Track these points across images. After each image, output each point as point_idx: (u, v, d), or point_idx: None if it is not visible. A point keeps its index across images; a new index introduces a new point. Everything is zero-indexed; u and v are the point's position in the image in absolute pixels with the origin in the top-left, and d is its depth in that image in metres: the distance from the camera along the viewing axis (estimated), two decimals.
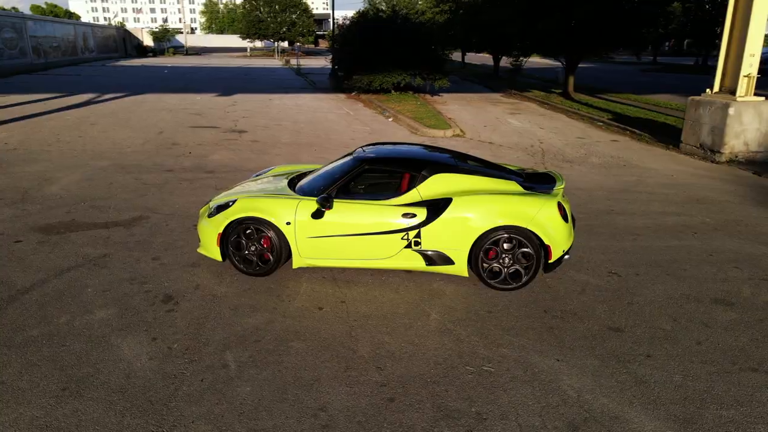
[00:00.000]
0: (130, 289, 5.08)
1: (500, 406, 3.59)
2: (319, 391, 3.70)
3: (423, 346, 4.27)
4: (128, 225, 6.74)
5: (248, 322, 4.56)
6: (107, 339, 4.25)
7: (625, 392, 3.76)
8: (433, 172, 5.33)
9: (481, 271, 5.18)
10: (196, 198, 7.87)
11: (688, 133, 12.24)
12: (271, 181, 6.13)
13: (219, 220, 5.32)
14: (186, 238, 6.35)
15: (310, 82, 27.68)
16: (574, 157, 11.48)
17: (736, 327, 4.68)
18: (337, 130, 13.99)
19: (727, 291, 5.37)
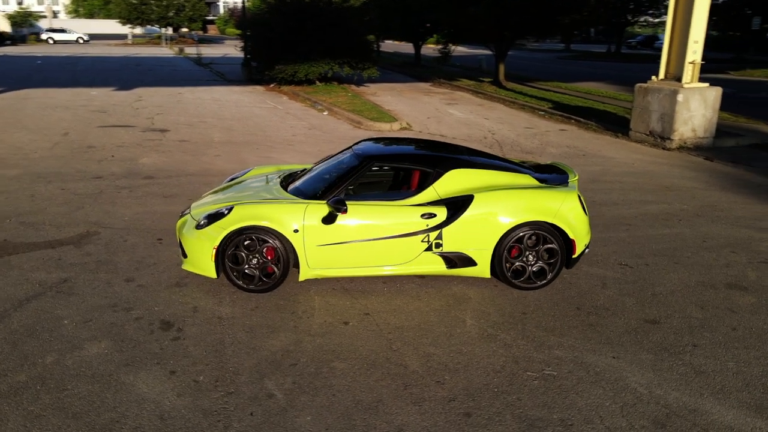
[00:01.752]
0: (116, 318, 4.72)
1: (580, 410, 3.71)
2: (387, 413, 3.64)
3: (473, 354, 4.32)
4: (78, 243, 6.24)
5: (273, 344, 4.39)
6: (115, 377, 3.93)
7: (691, 384, 4.01)
8: (447, 168, 5.38)
9: (505, 271, 5.30)
10: (146, 208, 7.43)
11: (636, 121, 13.15)
12: (260, 184, 5.93)
13: (213, 232, 5.06)
14: (155, 254, 5.98)
15: (218, 73, 26.83)
16: (531, 148, 11.99)
17: (759, 310, 5.11)
18: (272, 127, 13.69)
19: (735, 276, 5.85)
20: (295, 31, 18.95)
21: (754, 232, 7.21)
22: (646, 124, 12.84)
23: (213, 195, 5.92)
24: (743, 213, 7.97)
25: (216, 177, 8.99)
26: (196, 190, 8.24)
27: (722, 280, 5.74)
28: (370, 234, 5.14)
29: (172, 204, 7.65)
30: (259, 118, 14.94)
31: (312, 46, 18.90)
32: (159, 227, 6.78)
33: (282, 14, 19.56)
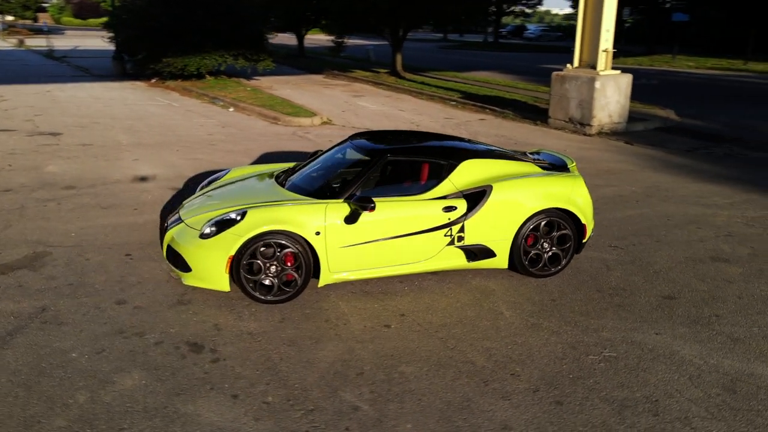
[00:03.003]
0: (132, 345, 4.39)
1: (655, 386, 4.04)
2: (481, 410, 3.75)
3: (529, 344, 4.53)
4: (31, 266, 5.67)
5: (326, 355, 4.32)
6: (172, 408, 3.69)
7: (734, 351, 4.50)
8: (460, 159, 5.55)
9: (522, 260, 5.57)
10: (89, 222, 6.90)
11: (555, 108, 14.11)
12: (255, 185, 5.75)
13: (227, 240, 4.85)
14: (133, 272, 5.60)
15: (79, 68, 24.94)
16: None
17: (750, 279, 5.80)
18: (180, 126, 13.08)
19: (712, 250, 6.56)
20: (183, 20, 18.13)
21: (703, 208, 8.09)
22: (565, 111, 13.82)
23: (200, 200, 5.65)
24: (684, 192, 8.89)
25: (151, 183, 8.49)
26: (138, 199, 7.76)
27: (704, 254, 6.41)
28: (394, 231, 5.18)
29: (117, 215, 7.14)
30: (159, 116, 14.19)
31: (204, 37, 18.20)
32: (117, 242, 6.32)
33: (165, 2, 18.62)
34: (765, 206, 8.18)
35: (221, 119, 14.08)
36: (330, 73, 24.91)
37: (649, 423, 3.66)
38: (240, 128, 13.03)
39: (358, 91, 19.84)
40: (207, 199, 5.64)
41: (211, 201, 5.51)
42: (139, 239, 6.40)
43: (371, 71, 25.15)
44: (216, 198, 5.60)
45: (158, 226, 6.82)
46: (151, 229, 6.75)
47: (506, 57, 36.80)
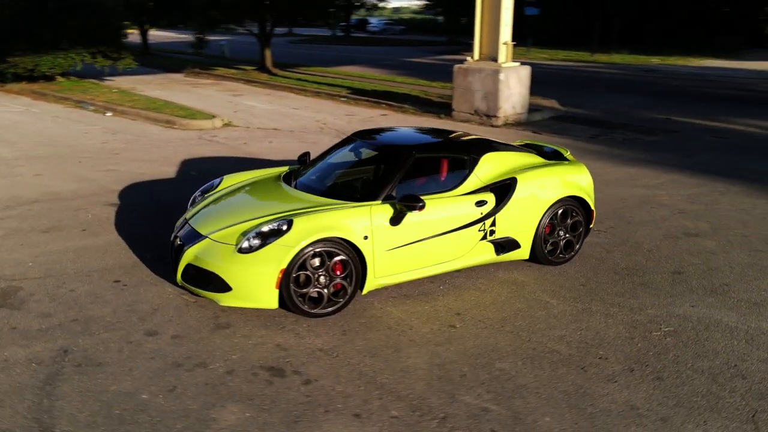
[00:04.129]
0: (205, 377, 4.13)
1: (726, 352, 4.55)
2: (601, 395, 4.01)
3: (594, 328, 4.89)
4: (7, 305, 5.06)
5: (415, 362, 4.36)
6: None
7: (763, 313, 5.19)
8: (480, 152, 5.80)
9: (543, 249, 5.94)
10: (39, 249, 6.27)
11: (459, 101, 14.81)
12: (267, 190, 5.60)
13: (275, 252, 4.69)
14: (138, 299, 5.21)
15: None
16: None
17: (728, 249, 6.64)
18: (62, 135, 12.02)
19: (679, 226, 7.39)
20: (31, 12, 16.49)
21: (644, 190, 9.03)
22: (470, 104, 14.55)
23: (210, 213, 5.36)
24: (617, 176, 9.85)
25: (79, 200, 7.81)
26: (77, 219, 7.13)
27: (676, 231, 7.21)
28: (434, 230, 5.30)
29: (66, 239, 6.53)
30: (26, 124, 12.90)
31: (58, 33, 16.70)
32: (92, 268, 5.80)
33: None
34: (691, 184, 9.30)
35: (105, 125, 13.11)
36: (191, 72, 23.94)
37: (745, 385, 4.14)
38: (135, 134, 12.24)
39: (235, 90, 19.33)
40: (220, 211, 5.36)
41: (229, 213, 5.26)
42: (115, 263, 5.91)
43: (236, 68, 24.54)
44: (232, 209, 5.35)
45: (127, 246, 6.34)
46: (120, 250, 6.24)
47: (365, 51, 37.59)
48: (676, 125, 14.41)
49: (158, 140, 11.72)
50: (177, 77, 22.73)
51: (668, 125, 14.45)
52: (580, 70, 27.62)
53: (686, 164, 10.58)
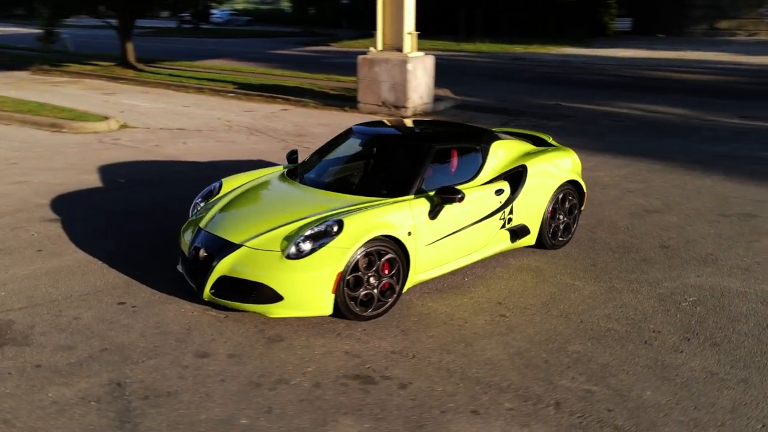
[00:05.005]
0: (294, 394, 3.98)
1: (754, 316, 5.03)
2: (678, 365, 4.36)
3: (631, 306, 5.26)
4: (11, 341, 4.55)
5: (495, 353, 4.47)
6: None
7: (759, 276, 5.85)
8: (489, 141, 6.01)
9: (548, 233, 6.27)
10: (3, 274, 5.62)
11: (365, 92, 14.94)
12: (282, 190, 5.51)
13: (330, 255, 4.60)
14: (160, 320, 4.88)
15: None
16: (292, 130, 12.56)
17: (692, 221, 7.37)
18: None
19: (636, 204, 8.07)
20: None
21: (585, 172, 9.73)
22: (377, 95, 14.74)
23: (230, 219, 5.11)
24: None
25: (8, 218, 7.06)
26: (20, 239, 6.47)
27: (636, 209, 7.87)
28: (464, 221, 5.44)
29: (26, 262, 5.92)
30: None
31: None
32: (79, 292, 5.32)
33: None
34: (619, 165, 10.13)
35: None
36: (39, 69, 22.00)
37: None
38: (21, 141, 11.16)
39: (104, 89, 18.11)
40: (242, 216, 5.15)
41: (254, 217, 5.06)
42: (104, 283, 5.47)
43: (91, 64, 22.95)
44: (255, 213, 5.17)
45: (104, 264, 5.87)
46: (100, 269, 5.77)
47: (223, 44, 36.53)
48: (569, 110, 15.49)
49: (54, 146, 10.77)
50: (22, 75, 20.83)
51: (562, 110, 15.50)
52: (452, 59, 28.74)
53: (603, 147, 11.47)
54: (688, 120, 14.39)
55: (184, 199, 7.54)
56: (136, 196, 8.06)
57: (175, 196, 7.80)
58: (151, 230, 6.82)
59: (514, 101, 16.85)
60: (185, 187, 7.97)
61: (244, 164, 9.66)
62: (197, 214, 5.44)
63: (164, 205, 7.66)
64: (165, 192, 8.20)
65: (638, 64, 25.70)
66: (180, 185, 8.41)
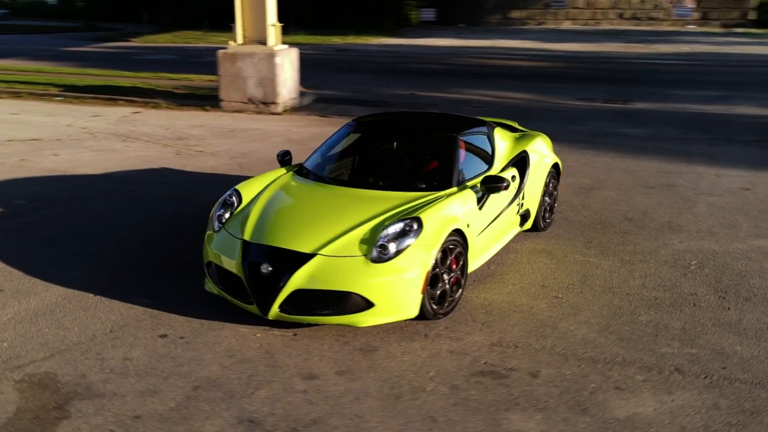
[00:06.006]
0: (436, 402, 3.96)
1: (759, 272, 5.75)
2: (740, 321, 4.94)
3: (653, 275, 5.83)
4: (75, 395, 4.02)
5: (585, 331, 4.78)
6: (611, 416, 3.82)
7: (740, 235, 6.71)
8: (491, 129, 6.30)
9: (541, 216, 6.70)
10: None
11: (228, 90, 14.45)
12: (313, 192, 5.43)
13: (417, 254, 4.60)
14: (230, 347, 4.54)
15: None
16: (179, 135, 11.87)
17: (628, 195, 8.25)
18: None
19: (574, 183, 8.80)
20: None
21: None
22: (243, 92, 14.34)
23: (274, 227, 4.87)
24: None
25: None
26: None
27: (575, 188, 8.60)
28: (497, 210, 5.68)
29: (14, 299, 5.14)
30: None
31: None
32: (99, 330, 4.75)
33: None
34: None
35: None
36: None
37: None
38: None
39: None
40: (293, 223, 4.90)
41: (309, 223, 4.85)
42: (122, 318, 4.93)
43: None
44: (307, 218, 4.96)
45: (98, 296, 5.28)
46: (94, 302, 5.18)
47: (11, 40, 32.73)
48: (429, 100, 16.19)
49: None
50: None
51: (423, 100, 16.17)
52: None
53: None
54: (538, 103, 15.80)
55: (114, 217, 7.09)
56: (60, 216, 7.22)
57: (102, 215, 7.30)
58: (111, 250, 6.21)
59: (369, 92, 17.23)
60: (101, 203, 7.67)
61: (150, 174, 9.08)
62: (226, 227, 5.07)
63: (102, 222, 6.99)
64: (90, 209, 7.46)
65: (461, 52, 27.44)
66: (96, 200, 7.75)
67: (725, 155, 10.55)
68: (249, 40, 14.39)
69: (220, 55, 14.27)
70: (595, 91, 17.59)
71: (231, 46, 14.32)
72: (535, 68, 22.77)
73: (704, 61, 24.43)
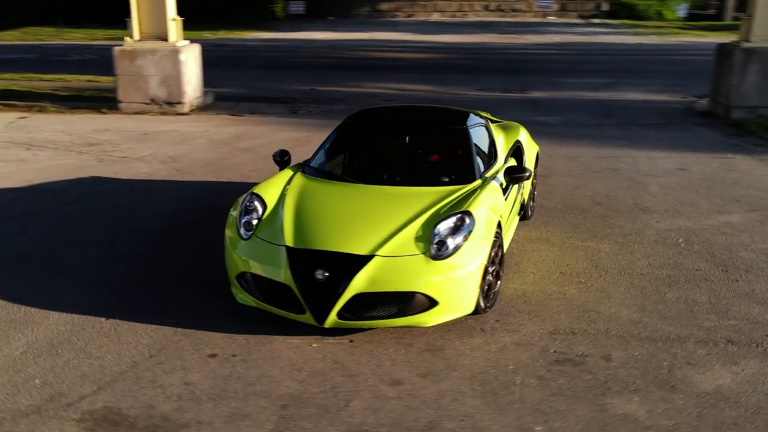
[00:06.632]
0: (528, 395, 4.11)
1: (749, 243, 6.27)
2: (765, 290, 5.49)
3: (654, 255, 6.20)
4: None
5: (628, 313, 5.07)
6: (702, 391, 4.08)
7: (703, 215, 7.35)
8: (487, 122, 6.45)
9: (529, 205, 6.97)
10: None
11: (127, 90, 13.67)
12: (340, 191, 5.34)
13: (474, 249, 4.66)
14: (307, 359, 4.39)
15: None
16: (89, 141, 11.15)
17: (585, 181, 8.75)
18: None
19: (548, 167, 9.06)
20: None
21: None
22: (144, 92, 13.64)
23: (315, 230, 4.76)
24: None
25: None
26: None
27: (551, 171, 9.00)
28: (512, 200, 5.85)
29: (4, 337, 4.68)
30: None
31: None
32: (137, 357, 4.45)
33: None
34: None
35: None
36: None
37: None
38: None
39: None
40: (339, 225, 4.78)
41: (354, 225, 4.76)
42: (148, 341, 4.63)
43: None
44: (350, 220, 4.86)
45: (101, 321, 4.92)
46: (109, 326, 4.83)
47: None
48: (333, 94, 16.04)
49: None
50: None
51: (327, 95, 16.07)
52: None
53: None
54: (444, 95, 16.22)
55: (74, 234, 6.70)
56: (8, 237, 6.61)
57: (57, 232, 6.81)
58: (93, 270, 5.80)
59: (268, 89, 16.91)
60: (47, 219, 7.14)
61: (82, 184, 8.56)
62: (258, 234, 4.86)
63: (63, 240, 6.50)
64: (39, 227, 6.90)
65: (344, 45, 27.50)
66: (39, 216, 7.20)
67: (643, 138, 11.34)
68: (147, 36, 13.71)
69: (116, 53, 13.49)
70: (492, 81, 18.26)
71: (128, 42, 13.58)
72: (426, 60, 23.31)
73: (580, 50, 26.04)
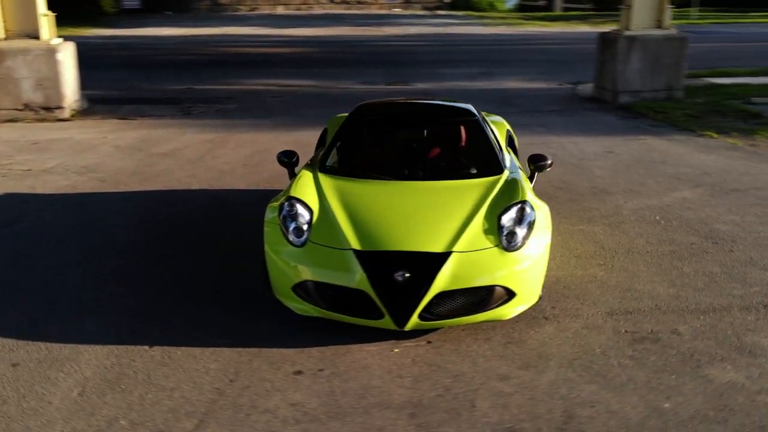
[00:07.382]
0: (637, 368, 4.34)
1: (725, 216, 6.97)
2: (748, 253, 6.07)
3: (645, 234, 6.68)
4: None
5: (661, 292, 5.45)
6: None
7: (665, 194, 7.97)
8: (479, 111, 6.63)
9: None
10: None
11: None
12: (382, 189, 5.31)
13: (540, 238, 4.84)
14: (404, 373, 4.35)
15: None
16: None
17: None
18: None
19: None
20: None
21: None
22: (15, 97, 12.50)
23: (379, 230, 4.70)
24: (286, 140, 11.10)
25: None
26: None
27: None
28: None
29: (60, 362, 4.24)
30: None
31: None
32: (225, 382, 4.22)
33: None
34: None
35: None
36: None
37: None
38: None
39: None
40: (401, 224, 4.74)
41: (416, 223, 4.74)
42: (211, 367, 4.36)
43: None
44: (410, 218, 4.83)
45: (146, 349, 4.59)
46: (143, 355, 4.51)
47: None
48: (218, 93, 15.64)
49: None
50: None
51: (211, 93, 15.55)
52: None
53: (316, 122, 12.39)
54: (330, 90, 16.31)
55: (33, 257, 6.21)
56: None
57: (9, 257, 6.24)
58: (89, 297, 5.35)
59: (140, 89, 16.10)
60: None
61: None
62: (313, 240, 4.69)
63: (25, 265, 5.94)
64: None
65: (201, 41, 26.55)
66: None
67: (554, 124, 12.05)
68: (14, 34, 12.59)
69: None
70: (371, 74, 18.54)
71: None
72: (296, 54, 23.20)
73: (442, 41, 27.02)
